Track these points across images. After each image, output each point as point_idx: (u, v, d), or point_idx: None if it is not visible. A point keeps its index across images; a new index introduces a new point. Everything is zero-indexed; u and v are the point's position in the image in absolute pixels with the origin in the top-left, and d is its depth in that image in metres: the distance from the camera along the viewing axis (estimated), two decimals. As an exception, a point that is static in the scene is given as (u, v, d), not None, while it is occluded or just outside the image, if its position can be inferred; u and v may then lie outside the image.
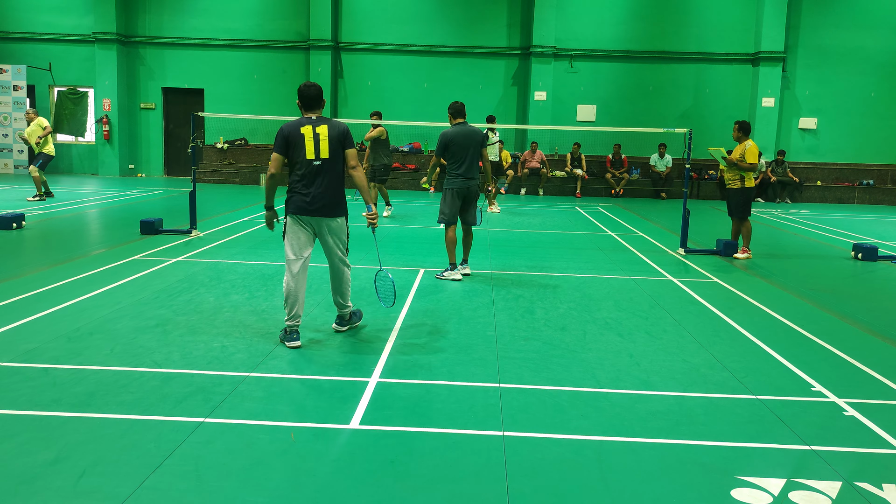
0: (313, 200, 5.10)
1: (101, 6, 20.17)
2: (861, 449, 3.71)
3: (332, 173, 5.14)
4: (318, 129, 5.09)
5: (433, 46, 20.67)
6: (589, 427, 3.87)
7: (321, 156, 5.08)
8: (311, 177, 5.09)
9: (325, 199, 5.11)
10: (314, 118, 5.16)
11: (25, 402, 3.96)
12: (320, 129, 5.10)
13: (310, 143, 5.05)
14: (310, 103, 5.20)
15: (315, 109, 5.21)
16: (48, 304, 6.00)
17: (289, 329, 5.15)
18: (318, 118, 5.17)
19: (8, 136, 20.31)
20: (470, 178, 7.56)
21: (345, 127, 5.18)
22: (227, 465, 3.30)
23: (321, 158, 5.08)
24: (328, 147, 5.09)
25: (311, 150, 5.07)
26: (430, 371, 4.71)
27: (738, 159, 9.55)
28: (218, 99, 20.83)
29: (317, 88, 5.20)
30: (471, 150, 7.55)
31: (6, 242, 9.14)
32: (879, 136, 20.56)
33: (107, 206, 13.50)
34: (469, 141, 7.54)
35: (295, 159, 5.11)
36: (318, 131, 5.08)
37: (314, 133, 5.07)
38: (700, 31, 20.42)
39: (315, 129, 5.08)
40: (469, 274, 7.87)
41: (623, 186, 19.59)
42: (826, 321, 6.44)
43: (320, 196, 5.10)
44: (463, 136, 7.53)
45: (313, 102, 5.19)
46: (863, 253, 9.93)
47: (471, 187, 7.58)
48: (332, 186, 5.15)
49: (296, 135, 5.07)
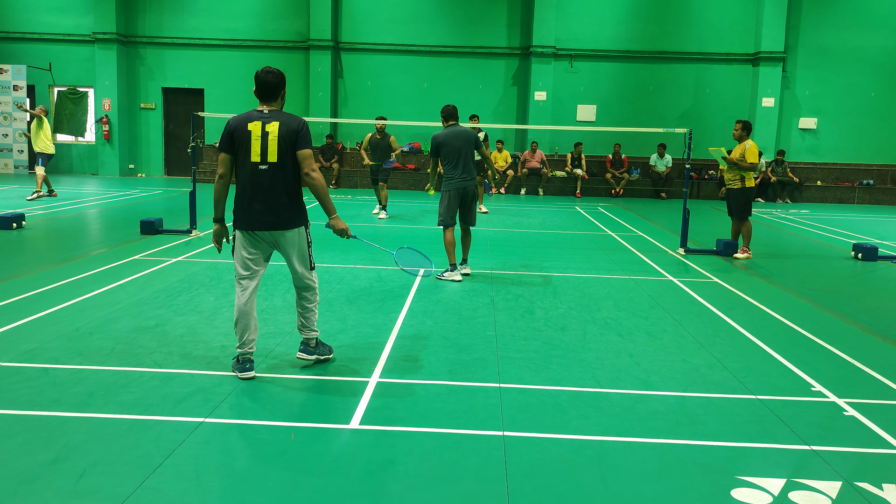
0: (262, 212, 4.39)
1: (101, 6, 20.17)
2: (861, 449, 3.71)
3: (281, 179, 4.38)
4: (269, 126, 4.34)
5: (433, 46, 20.67)
6: (589, 427, 3.87)
7: (268, 159, 4.33)
8: (256, 183, 4.37)
9: (276, 208, 4.39)
10: (266, 112, 4.41)
11: (25, 402, 3.96)
12: (270, 126, 4.34)
13: (256, 142, 4.31)
14: (264, 92, 4.45)
15: (270, 101, 4.46)
16: (48, 304, 6.00)
17: (241, 357, 4.45)
18: (271, 112, 4.42)
19: (8, 136, 20.30)
20: (466, 179, 7.59)
21: (298, 124, 4.38)
22: (227, 465, 3.30)
23: (268, 162, 4.33)
24: (277, 149, 4.33)
25: (256, 152, 4.34)
26: (430, 371, 4.70)
27: (738, 159, 9.55)
28: (218, 99, 20.83)
29: (276, 76, 4.45)
30: (463, 150, 7.58)
31: (6, 242, 9.14)
32: (879, 136, 20.57)
33: (107, 206, 13.50)
34: (460, 141, 7.57)
35: (240, 162, 4.39)
36: (268, 129, 4.33)
37: (263, 131, 4.33)
38: (700, 31, 20.42)
39: (265, 127, 4.34)
40: (469, 274, 7.87)
41: (623, 186, 19.60)
42: (826, 321, 6.44)
43: (269, 206, 4.38)
44: (454, 137, 7.58)
45: (268, 92, 4.45)
46: (863, 253, 9.93)
47: (468, 187, 7.61)
48: (283, 193, 4.39)
49: (242, 131, 4.35)
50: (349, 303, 6.47)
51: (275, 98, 4.48)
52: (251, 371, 4.45)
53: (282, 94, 4.52)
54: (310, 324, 4.72)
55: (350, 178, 20.20)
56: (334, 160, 19.94)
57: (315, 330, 4.74)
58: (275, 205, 4.39)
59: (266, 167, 4.34)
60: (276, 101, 4.49)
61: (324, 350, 4.82)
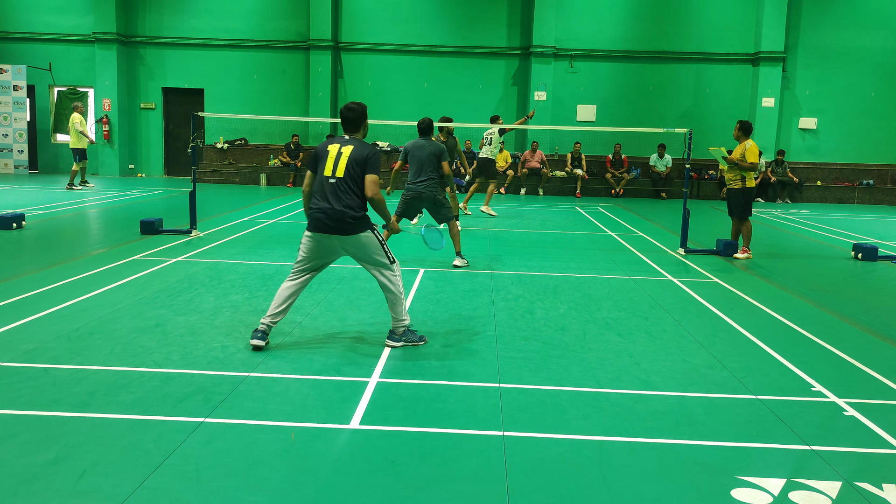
0: (326, 217, 4.95)
1: (101, 6, 20.18)
2: (861, 449, 3.71)
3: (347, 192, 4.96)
4: (344, 148, 5.01)
5: (433, 46, 20.67)
6: (589, 427, 3.87)
7: (336, 174, 4.95)
8: (324, 193, 4.98)
9: (340, 216, 4.92)
10: (346, 138, 5.12)
11: (25, 402, 3.96)
12: (345, 148, 5.01)
13: (331, 160, 4.98)
14: (344, 125, 5.19)
15: (350, 131, 5.17)
16: (48, 304, 6.00)
17: (260, 327, 5.04)
18: (350, 139, 5.10)
19: (8, 136, 20.31)
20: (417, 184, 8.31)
21: (370, 151, 5.00)
22: (227, 465, 3.30)
23: (336, 177, 4.94)
24: (345, 166, 4.96)
25: (329, 167, 4.99)
26: (430, 371, 4.71)
27: (738, 159, 9.55)
28: (218, 99, 20.83)
29: (356, 112, 5.14)
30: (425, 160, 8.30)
31: (6, 242, 9.14)
32: (879, 136, 20.57)
33: (107, 206, 13.50)
34: (422, 152, 8.31)
35: (316, 174, 5.07)
36: (343, 150, 4.99)
37: (338, 151, 5.00)
38: (700, 31, 20.43)
39: (340, 149, 5.01)
40: (458, 266, 8.37)
41: (623, 186, 19.60)
42: (826, 321, 6.44)
43: (334, 213, 4.92)
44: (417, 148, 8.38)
45: (347, 125, 5.17)
46: (863, 253, 9.93)
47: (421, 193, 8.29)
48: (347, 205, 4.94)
49: (322, 151, 5.08)
50: (349, 303, 6.47)
51: (354, 130, 5.17)
52: (261, 341, 4.97)
53: (360, 126, 5.19)
54: (393, 312, 5.16)
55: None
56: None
57: (402, 318, 5.17)
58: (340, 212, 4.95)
59: (334, 181, 4.95)
60: (356, 131, 5.19)
61: (411, 336, 5.24)
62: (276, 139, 21.04)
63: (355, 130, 5.17)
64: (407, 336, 5.21)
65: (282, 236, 10.43)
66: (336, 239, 4.96)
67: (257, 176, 20.14)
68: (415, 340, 5.23)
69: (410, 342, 5.21)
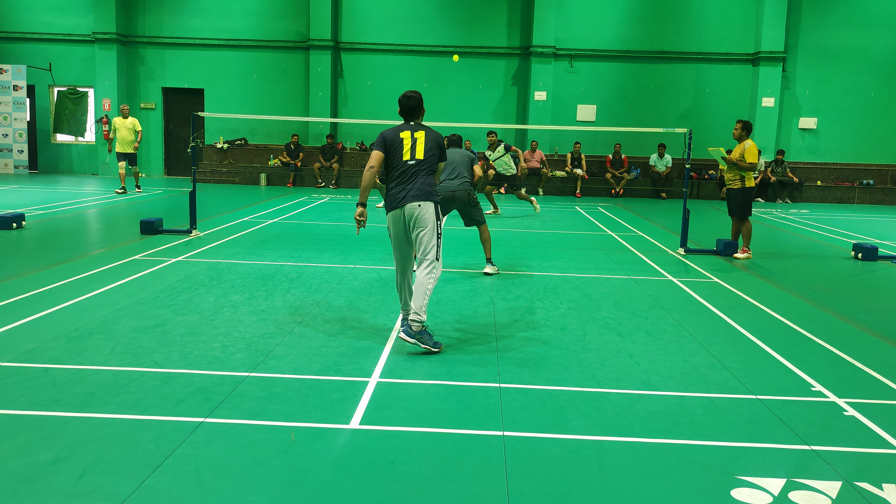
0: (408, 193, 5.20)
1: (101, 6, 20.17)
2: (861, 449, 3.71)
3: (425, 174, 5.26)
4: (417, 133, 5.26)
5: (433, 46, 20.67)
6: (589, 427, 3.87)
7: (416, 156, 5.21)
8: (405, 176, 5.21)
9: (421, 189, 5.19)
10: (412, 124, 5.35)
11: (25, 402, 3.96)
12: (418, 133, 5.27)
13: (407, 145, 5.22)
14: (406, 113, 5.38)
15: (413, 118, 5.39)
16: (48, 304, 6.00)
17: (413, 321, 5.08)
18: (417, 125, 5.35)
19: (8, 136, 20.31)
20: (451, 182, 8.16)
21: (441, 136, 5.37)
22: (227, 465, 3.30)
23: (416, 159, 5.21)
24: (423, 149, 5.24)
25: (407, 152, 5.22)
26: (430, 371, 4.70)
27: (737, 159, 9.55)
28: (218, 99, 20.83)
29: (415, 99, 5.36)
30: (456, 162, 8.19)
31: (6, 242, 9.14)
32: (879, 136, 20.57)
33: (107, 206, 13.50)
34: (457, 156, 8.23)
35: (389, 159, 5.26)
36: (417, 136, 5.25)
37: (412, 136, 5.25)
38: (700, 31, 20.43)
39: (414, 134, 5.26)
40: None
41: (623, 186, 19.60)
42: (826, 321, 6.44)
43: (414, 189, 5.18)
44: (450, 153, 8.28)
45: (409, 113, 5.37)
46: (863, 253, 9.93)
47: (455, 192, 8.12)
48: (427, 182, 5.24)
49: (393, 137, 5.25)
50: (349, 303, 6.47)
51: (416, 116, 5.40)
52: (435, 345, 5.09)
53: (421, 112, 5.43)
54: (414, 304, 5.10)
55: (350, 178, 20.19)
56: (334, 160, 19.94)
57: (419, 314, 5.07)
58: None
59: (414, 162, 5.21)
60: (418, 117, 5.42)
61: (426, 339, 5.09)
62: (276, 139, 21.03)
63: (417, 116, 5.39)
64: (422, 337, 5.04)
65: (282, 236, 10.43)
66: (408, 209, 5.10)
67: (257, 176, 20.14)
68: (429, 345, 5.04)
69: (424, 345, 5.04)
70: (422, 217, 5.11)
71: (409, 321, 5.10)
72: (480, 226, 8.23)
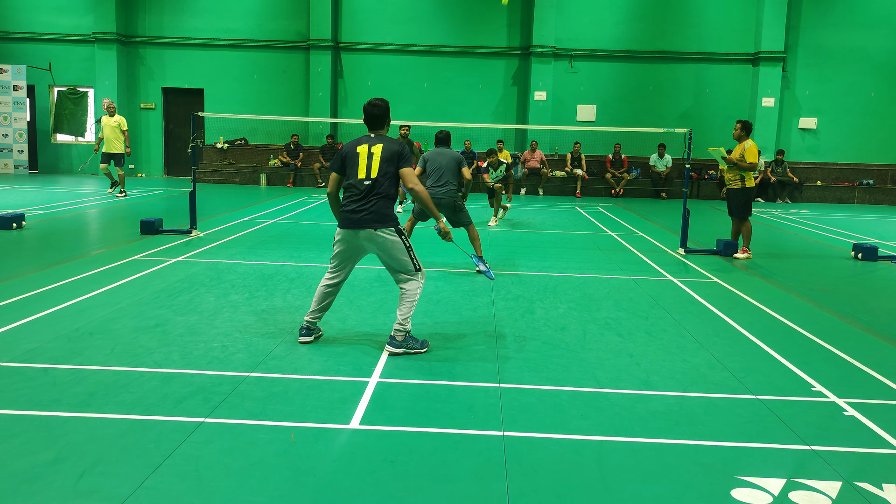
0: (359, 214, 4.96)
1: (101, 6, 20.18)
2: (861, 449, 3.71)
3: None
4: (374, 147, 4.97)
5: (433, 46, 20.67)
6: (589, 427, 3.87)
7: (371, 175, 4.91)
8: (359, 195, 4.94)
9: (373, 210, 4.93)
10: (373, 136, 5.09)
11: (25, 402, 3.96)
12: (375, 147, 4.96)
13: (363, 162, 4.93)
14: (369, 122, 5.15)
15: (376, 128, 5.14)
16: (48, 304, 6.00)
17: (304, 323, 5.20)
18: (377, 137, 5.08)
19: (8, 136, 20.31)
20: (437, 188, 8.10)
21: (400, 147, 5.00)
22: (227, 465, 3.30)
23: (371, 178, 4.91)
24: (377, 166, 4.93)
25: (362, 170, 4.93)
26: (430, 371, 4.71)
27: (737, 159, 9.55)
28: (218, 99, 20.84)
29: (381, 108, 5.12)
30: (445, 166, 8.11)
31: (6, 242, 9.14)
32: (879, 136, 20.57)
33: (107, 206, 13.50)
34: (445, 159, 8.12)
35: (345, 177, 5.03)
36: (374, 150, 4.95)
37: (369, 152, 4.95)
38: (700, 31, 20.43)
39: (370, 149, 4.97)
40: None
41: (623, 186, 19.60)
42: (826, 321, 6.44)
43: (366, 210, 4.93)
44: (439, 155, 8.18)
45: (373, 122, 5.14)
46: (863, 253, 9.93)
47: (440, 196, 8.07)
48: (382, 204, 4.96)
49: (350, 153, 5.02)
50: (349, 303, 6.47)
51: (381, 125, 5.14)
52: (305, 337, 5.20)
53: (387, 122, 5.17)
54: (399, 313, 5.03)
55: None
56: (334, 160, 19.93)
57: (403, 324, 4.99)
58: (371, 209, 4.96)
59: (369, 182, 4.92)
60: (381, 128, 5.15)
61: (412, 343, 5.05)
62: (276, 139, 21.04)
63: (381, 127, 5.14)
64: (408, 342, 5.02)
65: (282, 236, 10.43)
66: (364, 234, 4.89)
67: (257, 176, 20.14)
68: (416, 347, 5.05)
69: (412, 349, 5.03)
70: (384, 245, 4.91)
71: (393, 333, 5.00)
72: (467, 226, 8.19)
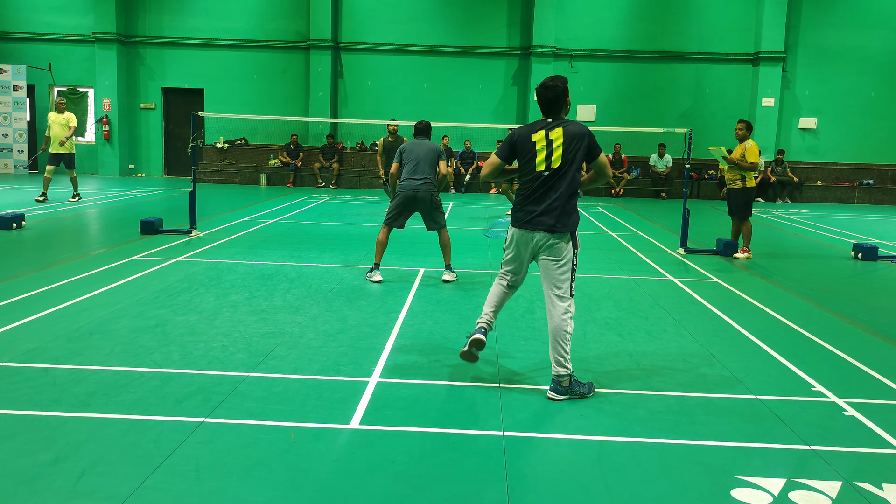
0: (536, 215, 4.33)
1: (101, 6, 20.18)
2: (861, 449, 3.71)
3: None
4: (552, 133, 4.27)
5: (433, 46, 20.67)
6: (589, 427, 3.87)
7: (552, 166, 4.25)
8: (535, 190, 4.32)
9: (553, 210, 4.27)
10: (549, 122, 4.33)
11: (25, 402, 3.96)
12: (554, 133, 4.26)
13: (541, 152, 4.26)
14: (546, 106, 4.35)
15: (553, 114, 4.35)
16: (48, 304, 6.00)
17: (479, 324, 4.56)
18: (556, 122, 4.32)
19: (8, 136, 20.31)
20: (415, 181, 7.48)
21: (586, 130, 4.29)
22: (227, 465, 3.30)
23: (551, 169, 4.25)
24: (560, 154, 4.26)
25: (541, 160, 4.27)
26: (430, 371, 4.70)
27: (738, 159, 9.55)
28: (218, 99, 20.84)
29: (556, 89, 4.27)
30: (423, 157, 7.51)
31: (6, 242, 9.14)
32: (879, 136, 20.58)
33: (107, 206, 13.50)
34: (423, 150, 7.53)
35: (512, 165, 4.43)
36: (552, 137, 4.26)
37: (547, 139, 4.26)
38: (700, 31, 20.44)
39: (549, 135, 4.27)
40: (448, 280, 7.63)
41: (623, 186, 19.61)
42: (826, 321, 6.44)
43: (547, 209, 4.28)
44: (417, 146, 7.59)
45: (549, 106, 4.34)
46: (863, 253, 9.93)
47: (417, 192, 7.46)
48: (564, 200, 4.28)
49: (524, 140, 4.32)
50: (349, 303, 6.47)
51: (560, 110, 4.34)
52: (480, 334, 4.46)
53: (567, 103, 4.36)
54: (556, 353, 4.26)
55: (350, 178, 20.21)
56: (334, 160, 19.95)
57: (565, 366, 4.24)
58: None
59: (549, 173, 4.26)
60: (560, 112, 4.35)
61: (577, 387, 4.30)
62: (276, 139, 21.04)
63: (559, 112, 4.32)
64: (573, 388, 4.27)
65: (282, 236, 10.43)
66: (539, 236, 4.28)
67: (257, 176, 20.14)
68: (584, 393, 4.30)
69: (580, 395, 4.29)
70: (555, 247, 4.29)
71: (555, 377, 4.24)
72: (441, 230, 7.64)
